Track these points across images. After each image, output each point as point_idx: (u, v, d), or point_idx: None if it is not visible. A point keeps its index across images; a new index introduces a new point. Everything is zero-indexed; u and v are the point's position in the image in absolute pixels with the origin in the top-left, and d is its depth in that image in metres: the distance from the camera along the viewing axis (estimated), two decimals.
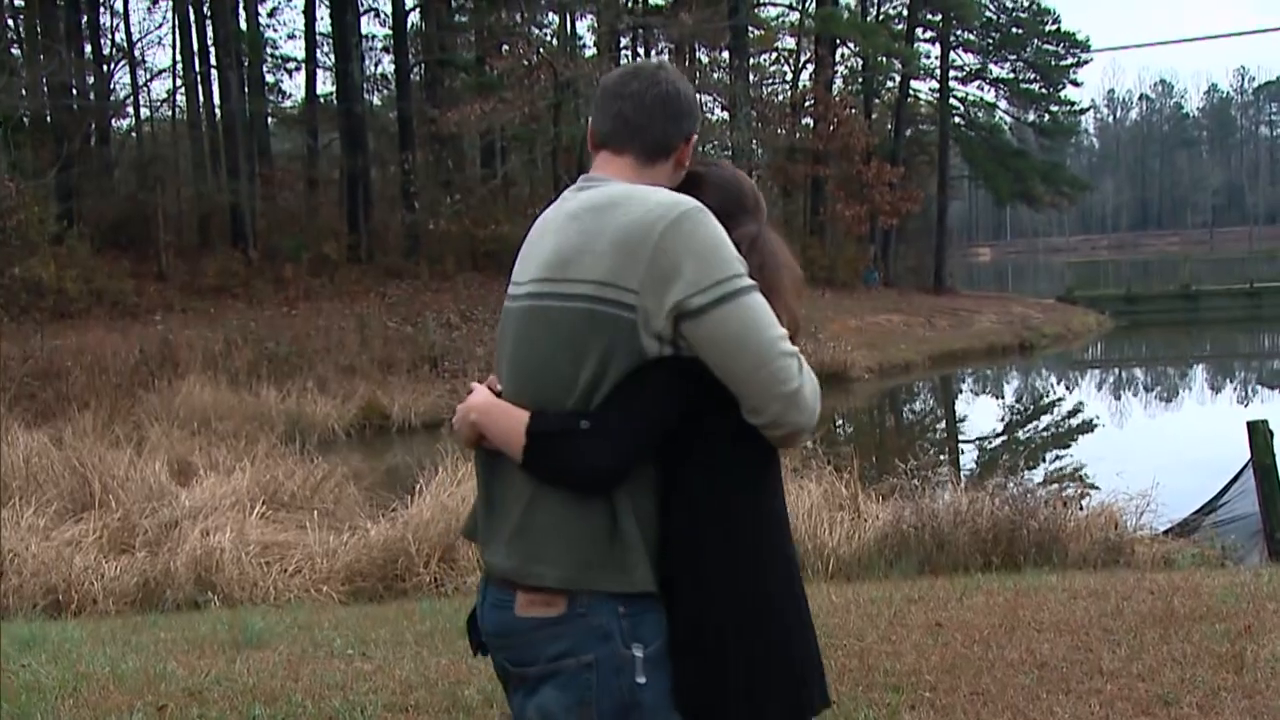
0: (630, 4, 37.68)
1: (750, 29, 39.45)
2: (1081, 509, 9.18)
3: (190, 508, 9.70)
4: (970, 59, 44.85)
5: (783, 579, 2.12)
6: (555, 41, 35.26)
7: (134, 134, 38.04)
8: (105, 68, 34.68)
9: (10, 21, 31.65)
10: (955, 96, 44.23)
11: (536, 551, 2.03)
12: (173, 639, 5.83)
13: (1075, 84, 44.92)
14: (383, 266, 29.63)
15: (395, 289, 27.76)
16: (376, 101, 39.50)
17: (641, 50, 42.21)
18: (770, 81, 44.92)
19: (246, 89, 32.80)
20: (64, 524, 9.52)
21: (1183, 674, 4.68)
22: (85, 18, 32.78)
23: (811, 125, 38.18)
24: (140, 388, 18.52)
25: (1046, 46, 43.46)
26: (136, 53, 37.12)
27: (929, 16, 42.35)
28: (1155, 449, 16.94)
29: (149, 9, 42.38)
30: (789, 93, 42.05)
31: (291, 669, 5.00)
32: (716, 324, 1.98)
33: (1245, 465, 9.62)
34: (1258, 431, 8.96)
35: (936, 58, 43.38)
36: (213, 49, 32.70)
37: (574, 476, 2.02)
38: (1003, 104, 46.57)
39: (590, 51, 36.09)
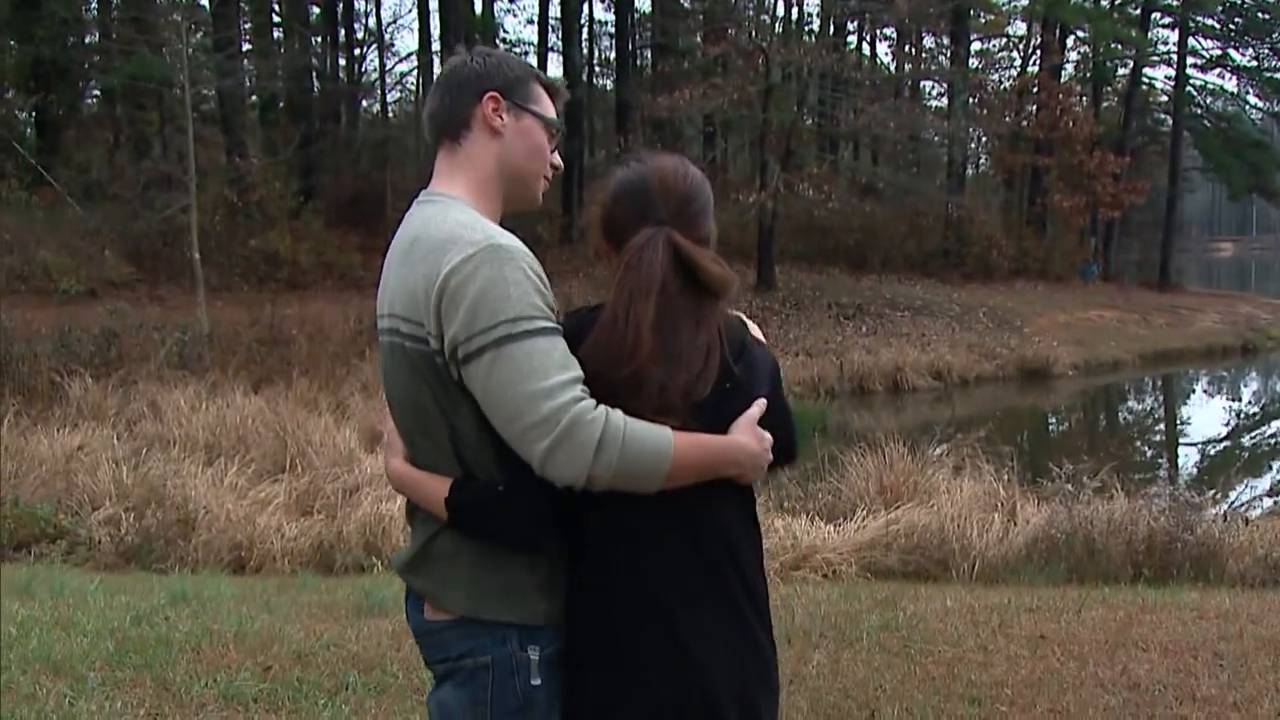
0: None
1: (978, 14, 38.50)
2: (1248, 524, 8.81)
3: (371, 475, 10.14)
4: (1210, 45, 42.49)
5: (630, 599, 2.07)
6: (779, 28, 35.26)
7: (379, 115, 39.82)
8: (356, 51, 36.45)
9: (275, 5, 33.62)
10: (1193, 85, 41.98)
11: (442, 576, 2.11)
12: (307, 602, 6.23)
13: None
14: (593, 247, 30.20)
15: (602, 269, 28.26)
16: (607, 85, 40.18)
17: (867, 36, 41.73)
18: (997, 67, 43.77)
19: None
20: (259, 484, 10.17)
21: None
22: (340, 4, 34.57)
23: (1035, 113, 37.01)
24: (355, 357, 19.41)
25: None
26: (385, 37, 38.92)
27: (1166, 1, 40.36)
28: None
29: None
30: (1015, 79, 40.83)
31: (397, 640, 5.26)
32: (473, 375, 1.97)
33: None
34: None
35: (1173, 44, 41.35)
36: (447, 33, 33.96)
37: (503, 543, 2.05)
38: (1250, 95, 43.90)
39: (812, 38, 36.00)
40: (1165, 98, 42.91)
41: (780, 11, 37.61)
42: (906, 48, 41.52)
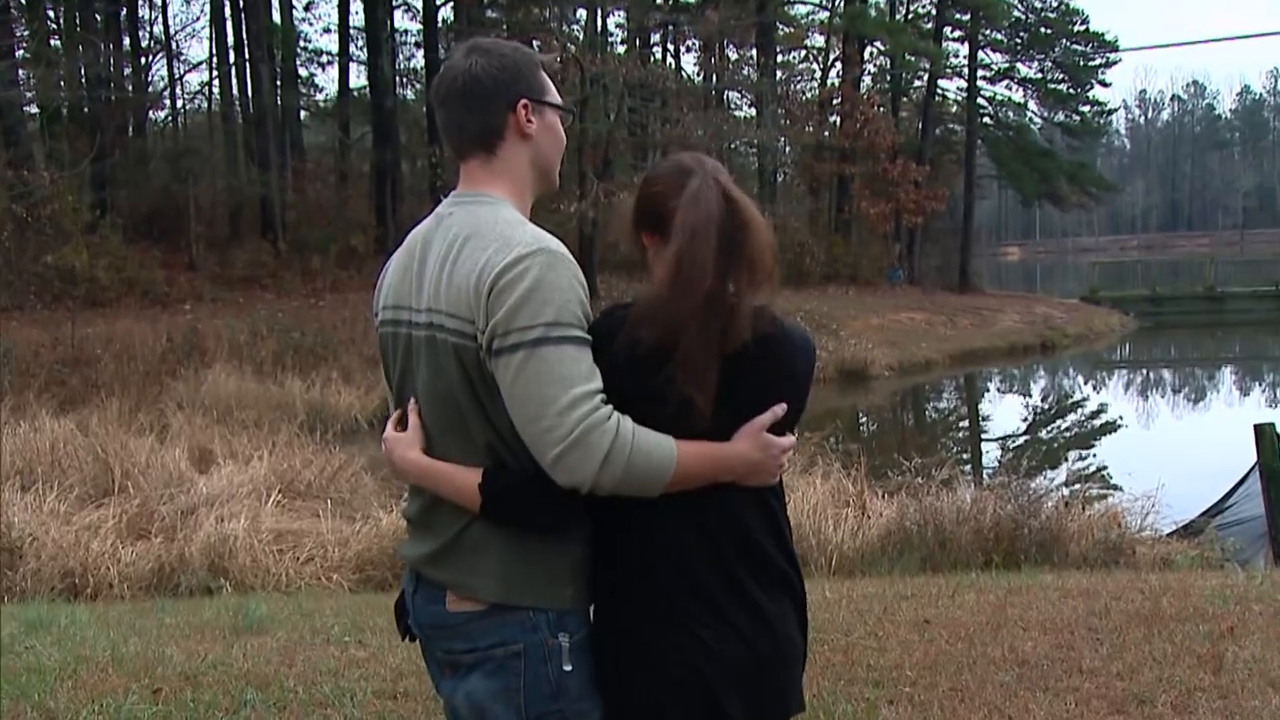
0: (659, 0, 37.71)
1: (780, 26, 39.47)
2: (1084, 509, 9.20)
3: (208, 495, 9.80)
4: (998, 58, 44.80)
5: (640, 590, 2.12)
6: (584, 38, 35.37)
7: (170, 125, 38.32)
8: (143, 60, 34.94)
9: (50, 13, 31.92)
10: (983, 96, 44.09)
11: (472, 566, 2.09)
12: (176, 624, 5.95)
13: (1104, 84, 44.75)
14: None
15: None
16: (410, 96, 39.65)
17: (670, 46, 42.29)
18: (799, 79, 44.97)
19: (280, 82, 33.02)
20: (85, 509, 9.61)
21: (1161, 673, 4.75)
22: (124, 10, 33.09)
23: (838, 123, 38.15)
24: (167, 376, 18.68)
25: (1075, 46, 43.23)
26: (174, 45, 37.44)
27: (957, 16, 42.25)
28: (1167, 451, 16.92)
29: (186, 1, 42.93)
30: (817, 90, 42.05)
31: (287, 655, 5.11)
32: (502, 368, 2.00)
33: (1252, 468, 9.68)
34: (1264, 435, 9.03)
35: (965, 57, 43.32)
36: (246, 42, 32.94)
37: (535, 527, 2.07)
38: (1032, 104, 46.41)
39: (620, 49, 36.25)
40: (958, 108, 44.92)
41: (585, 20, 37.70)
42: (712, 60, 42.21)
